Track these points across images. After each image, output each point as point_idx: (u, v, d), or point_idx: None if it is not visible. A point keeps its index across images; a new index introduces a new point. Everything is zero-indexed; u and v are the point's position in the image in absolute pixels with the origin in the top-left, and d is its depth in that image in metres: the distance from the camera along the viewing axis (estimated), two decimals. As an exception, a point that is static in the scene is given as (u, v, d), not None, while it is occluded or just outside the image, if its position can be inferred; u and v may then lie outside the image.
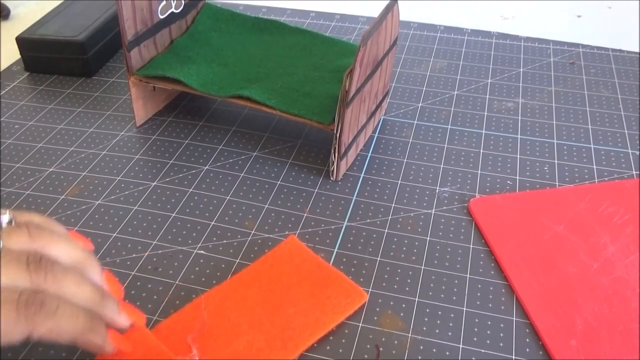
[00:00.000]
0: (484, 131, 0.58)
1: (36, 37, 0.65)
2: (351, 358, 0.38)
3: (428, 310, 0.41)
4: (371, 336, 0.39)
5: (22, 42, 0.66)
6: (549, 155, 0.55)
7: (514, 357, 0.38)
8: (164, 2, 0.57)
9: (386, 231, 0.47)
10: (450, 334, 0.40)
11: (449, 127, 0.59)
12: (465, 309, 0.41)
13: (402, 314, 0.41)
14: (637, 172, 0.53)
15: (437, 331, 0.40)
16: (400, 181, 0.52)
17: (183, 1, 0.59)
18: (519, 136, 0.57)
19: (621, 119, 0.60)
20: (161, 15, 0.57)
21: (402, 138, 0.57)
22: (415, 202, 0.50)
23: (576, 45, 0.72)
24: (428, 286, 0.43)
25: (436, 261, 0.45)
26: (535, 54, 0.70)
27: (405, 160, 0.54)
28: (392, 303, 0.42)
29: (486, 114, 0.60)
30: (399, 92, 0.64)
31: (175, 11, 0.59)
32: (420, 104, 0.62)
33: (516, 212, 0.48)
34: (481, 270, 0.44)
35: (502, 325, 0.40)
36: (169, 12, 0.58)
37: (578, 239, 0.46)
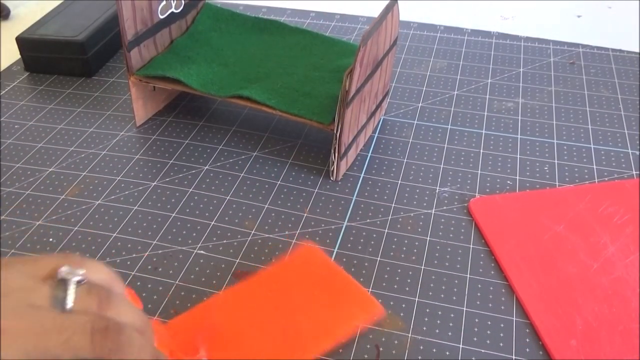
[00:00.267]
0: (484, 131, 0.58)
1: (36, 37, 0.65)
2: (351, 358, 0.38)
3: (428, 310, 0.41)
4: (371, 336, 0.39)
5: (22, 42, 0.66)
6: (549, 155, 0.55)
7: (514, 357, 0.38)
8: (164, 2, 0.57)
9: (386, 231, 0.47)
10: (450, 334, 0.40)
11: (449, 127, 0.59)
12: (465, 309, 0.41)
13: (402, 314, 0.41)
14: (637, 172, 0.53)
15: (437, 331, 0.40)
16: (400, 181, 0.52)
17: (183, 1, 0.59)
18: (519, 136, 0.57)
19: (621, 119, 0.60)
20: (161, 15, 0.57)
21: (402, 138, 0.57)
22: (415, 202, 0.50)
23: (576, 45, 0.72)
24: (428, 286, 0.43)
25: (436, 261, 0.45)
26: (535, 54, 0.70)
27: (405, 160, 0.54)
28: (392, 303, 0.42)
29: (486, 114, 0.60)
30: (399, 92, 0.64)
31: (175, 11, 0.59)
32: (420, 104, 0.62)
33: (516, 212, 0.48)
34: (481, 270, 0.44)
35: (502, 325, 0.40)
36: (169, 12, 0.58)
37: (578, 239, 0.46)
